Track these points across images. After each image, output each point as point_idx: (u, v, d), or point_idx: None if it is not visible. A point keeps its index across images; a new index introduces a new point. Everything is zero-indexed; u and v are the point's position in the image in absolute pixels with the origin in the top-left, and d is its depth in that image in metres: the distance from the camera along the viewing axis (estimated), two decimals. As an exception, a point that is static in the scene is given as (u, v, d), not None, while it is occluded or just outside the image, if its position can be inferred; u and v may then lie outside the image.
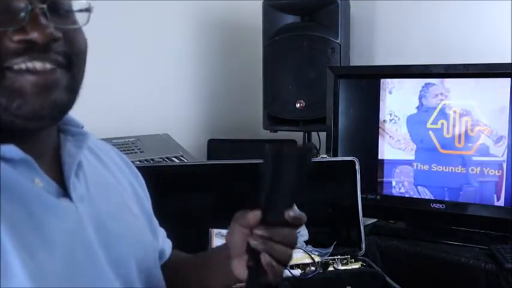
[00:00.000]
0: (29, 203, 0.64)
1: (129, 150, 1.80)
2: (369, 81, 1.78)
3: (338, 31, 2.00)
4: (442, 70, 1.65)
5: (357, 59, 2.23)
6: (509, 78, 1.55)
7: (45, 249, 0.63)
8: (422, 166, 1.71)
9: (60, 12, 0.67)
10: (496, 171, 1.61)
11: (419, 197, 1.72)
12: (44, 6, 0.64)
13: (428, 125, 1.69)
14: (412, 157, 1.72)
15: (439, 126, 1.68)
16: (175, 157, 1.83)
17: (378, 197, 1.77)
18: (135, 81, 2.15)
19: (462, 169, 1.65)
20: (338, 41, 1.99)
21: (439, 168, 1.69)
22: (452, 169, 1.67)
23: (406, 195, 1.74)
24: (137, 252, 0.78)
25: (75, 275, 0.66)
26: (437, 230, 1.70)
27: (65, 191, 0.70)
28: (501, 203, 1.61)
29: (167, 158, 1.80)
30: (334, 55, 2.00)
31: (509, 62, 1.67)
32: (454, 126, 1.65)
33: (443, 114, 1.67)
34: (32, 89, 0.64)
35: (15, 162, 0.65)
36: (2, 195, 0.61)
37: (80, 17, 0.70)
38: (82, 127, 0.78)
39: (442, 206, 1.68)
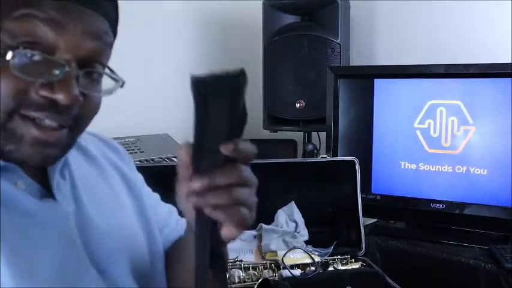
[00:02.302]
0: (12, 206, 0.65)
1: (129, 150, 1.80)
2: (368, 81, 1.78)
3: (338, 31, 2.00)
4: (442, 70, 1.66)
5: (357, 59, 2.23)
6: (510, 78, 1.55)
7: (29, 250, 0.64)
8: (409, 165, 1.72)
9: (93, 77, 0.67)
10: (482, 170, 1.62)
11: (419, 197, 1.72)
12: (81, 72, 0.64)
13: (416, 125, 1.70)
14: (403, 156, 1.73)
15: (426, 125, 1.69)
16: (175, 157, 1.83)
17: (378, 197, 1.77)
18: (135, 81, 2.15)
19: (449, 168, 1.66)
20: (338, 41, 1.99)
21: (426, 167, 1.70)
22: (439, 168, 1.68)
23: (406, 195, 1.74)
24: (128, 249, 0.78)
25: (60, 275, 0.66)
26: (437, 230, 1.71)
27: (49, 192, 0.70)
28: (497, 202, 1.61)
29: (167, 158, 1.80)
30: (334, 55, 2.00)
31: (509, 62, 1.67)
32: (440, 125, 1.66)
33: (430, 113, 1.68)
34: (31, 140, 0.64)
35: None
36: None
37: (106, 83, 0.70)
38: None
39: (442, 206, 1.68)
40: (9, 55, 0.60)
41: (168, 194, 1.35)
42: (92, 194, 0.77)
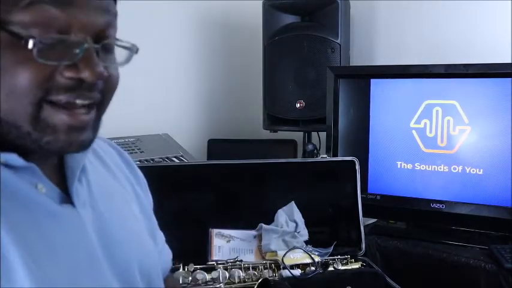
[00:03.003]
0: (32, 209, 0.64)
1: (129, 150, 1.80)
2: (365, 81, 1.78)
3: (338, 31, 2.00)
4: (442, 70, 1.66)
5: (357, 59, 2.23)
6: (510, 78, 1.55)
7: (48, 255, 0.63)
8: (405, 165, 1.72)
9: (109, 50, 0.68)
10: (478, 169, 1.62)
11: (419, 197, 1.72)
12: (99, 46, 0.64)
13: (412, 125, 1.71)
14: (399, 156, 1.74)
15: (422, 125, 1.69)
16: (175, 157, 1.83)
17: (378, 197, 1.77)
18: (135, 81, 2.15)
19: (445, 168, 1.67)
20: (338, 41, 2.00)
21: (422, 167, 1.70)
22: (435, 168, 1.68)
23: (406, 195, 1.74)
24: (139, 256, 0.79)
25: (78, 280, 0.66)
26: (437, 230, 1.71)
27: (68, 196, 0.70)
28: (495, 202, 1.61)
29: (167, 158, 1.80)
30: (334, 55, 2.00)
31: (509, 62, 1.67)
32: (436, 125, 1.67)
33: (426, 113, 1.68)
34: (65, 129, 0.64)
35: (19, 168, 0.64)
36: (5, 201, 0.61)
37: (120, 54, 0.71)
38: None
39: (442, 206, 1.68)
40: (30, 44, 0.60)
41: (167, 193, 1.35)
42: (108, 202, 0.77)
